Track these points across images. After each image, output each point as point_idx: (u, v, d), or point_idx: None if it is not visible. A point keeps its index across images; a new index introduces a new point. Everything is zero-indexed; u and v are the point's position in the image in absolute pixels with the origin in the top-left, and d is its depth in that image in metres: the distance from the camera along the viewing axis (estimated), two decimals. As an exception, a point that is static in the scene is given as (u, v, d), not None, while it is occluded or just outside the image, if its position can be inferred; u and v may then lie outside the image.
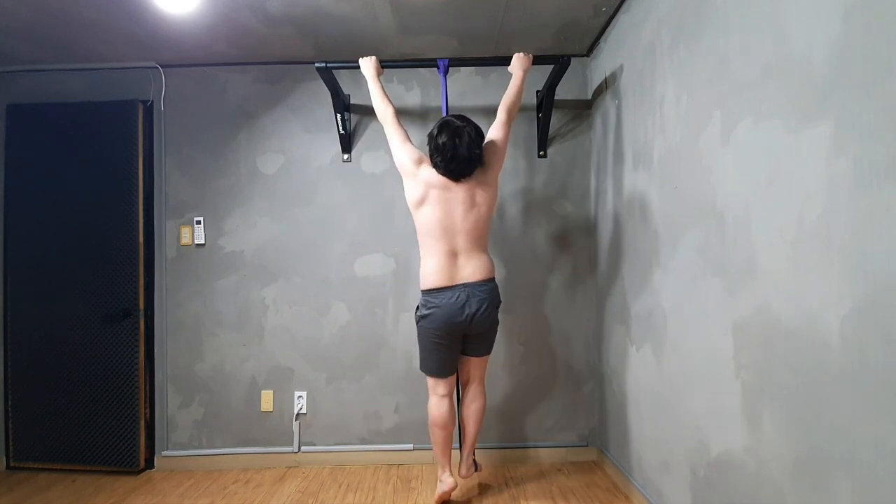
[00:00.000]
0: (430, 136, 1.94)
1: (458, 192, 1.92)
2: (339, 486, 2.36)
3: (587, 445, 2.61)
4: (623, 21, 2.15)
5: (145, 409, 2.60)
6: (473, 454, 2.20)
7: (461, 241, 1.93)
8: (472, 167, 1.91)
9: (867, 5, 0.96)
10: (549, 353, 2.63)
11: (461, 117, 1.95)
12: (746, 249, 1.33)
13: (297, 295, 2.63)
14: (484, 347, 2.07)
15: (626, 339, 2.18)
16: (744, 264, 1.34)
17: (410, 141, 2.05)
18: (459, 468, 2.21)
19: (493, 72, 2.62)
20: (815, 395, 1.10)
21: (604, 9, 2.17)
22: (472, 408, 2.13)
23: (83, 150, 2.59)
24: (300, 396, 2.61)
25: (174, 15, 2.13)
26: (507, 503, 2.17)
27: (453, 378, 2.11)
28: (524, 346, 2.63)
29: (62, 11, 2.11)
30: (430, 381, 2.07)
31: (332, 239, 2.64)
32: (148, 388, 2.62)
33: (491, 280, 1.98)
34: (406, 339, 2.60)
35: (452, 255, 1.93)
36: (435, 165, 1.93)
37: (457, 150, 1.85)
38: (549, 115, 2.52)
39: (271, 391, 2.62)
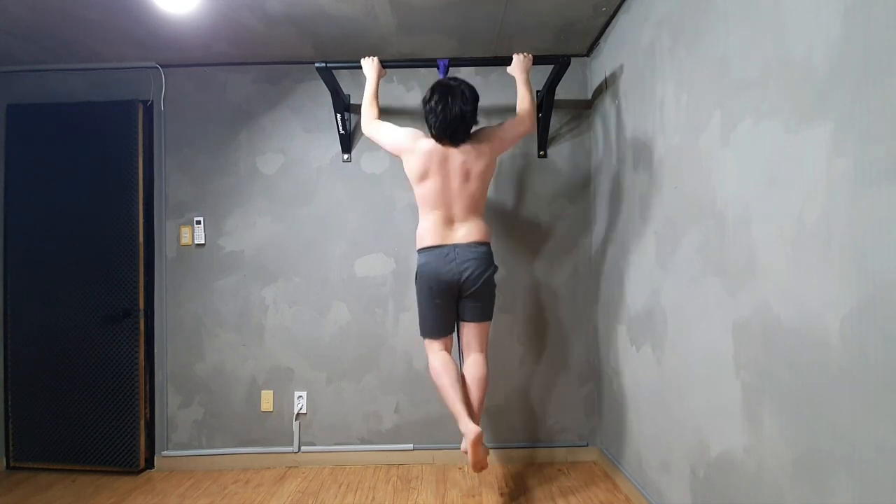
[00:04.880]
0: (424, 100, 1.98)
1: (455, 163, 1.97)
2: (339, 486, 2.36)
3: (587, 445, 2.61)
4: (623, 21, 2.15)
5: (145, 409, 2.60)
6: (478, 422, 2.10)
7: (457, 209, 2.00)
8: (465, 125, 1.94)
9: (867, 5, 0.96)
10: (549, 353, 2.63)
11: (455, 79, 1.99)
12: (746, 249, 1.33)
13: (297, 295, 2.63)
14: (480, 312, 2.05)
15: (626, 339, 2.18)
16: (744, 264, 1.34)
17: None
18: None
19: (493, 72, 2.62)
20: (814, 395, 1.10)
21: (604, 9, 2.17)
22: (473, 375, 2.04)
23: (83, 149, 2.59)
24: (300, 396, 2.61)
25: (174, 15, 2.13)
26: (507, 503, 2.17)
27: (449, 339, 2.10)
28: (524, 347, 2.63)
29: (62, 11, 2.11)
30: (427, 342, 2.10)
31: (332, 239, 2.64)
32: (148, 388, 2.62)
33: (483, 243, 2.01)
34: (406, 338, 2.60)
35: (448, 221, 2.01)
36: (430, 128, 1.97)
37: (448, 109, 1.90)
38: (549, 115, 2.52)
39: (271, 391, 2.62)
